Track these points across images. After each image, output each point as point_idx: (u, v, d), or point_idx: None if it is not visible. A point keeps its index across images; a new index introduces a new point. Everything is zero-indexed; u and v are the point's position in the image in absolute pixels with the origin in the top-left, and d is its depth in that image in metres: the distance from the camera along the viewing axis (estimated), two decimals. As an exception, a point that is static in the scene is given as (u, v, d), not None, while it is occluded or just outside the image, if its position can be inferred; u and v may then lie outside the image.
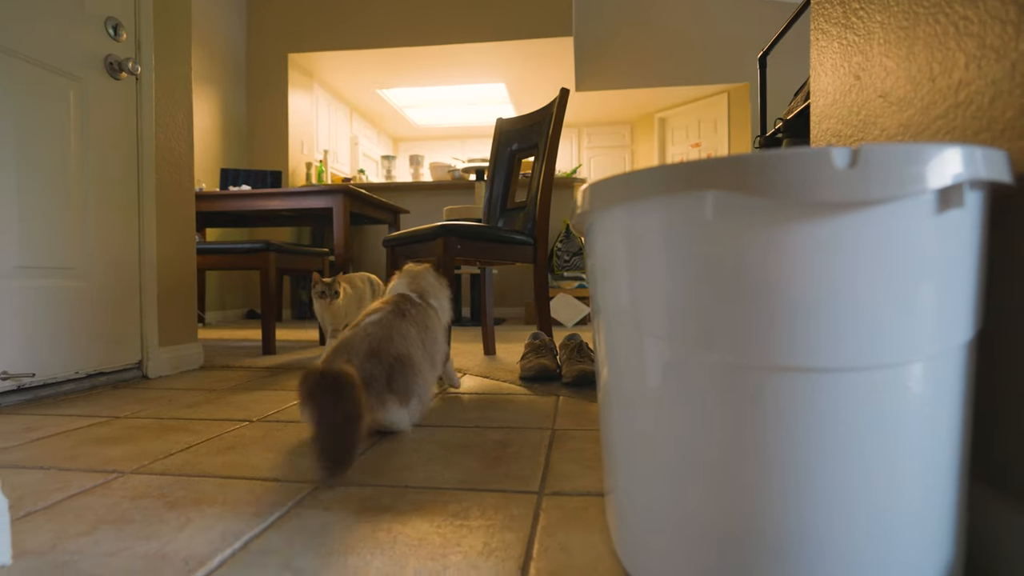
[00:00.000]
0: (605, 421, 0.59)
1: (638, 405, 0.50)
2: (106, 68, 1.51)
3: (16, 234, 1.28)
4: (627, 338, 0.51)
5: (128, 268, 1.57)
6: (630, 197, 0.49)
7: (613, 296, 0.53)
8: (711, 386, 0.43)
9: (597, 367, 0.68)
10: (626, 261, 0.50)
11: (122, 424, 1.09)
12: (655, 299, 0.47)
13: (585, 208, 0.55)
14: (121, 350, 1.55)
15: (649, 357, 0.48)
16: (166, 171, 1.71)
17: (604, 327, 0.56)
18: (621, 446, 0.53)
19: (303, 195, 2.73)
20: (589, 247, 0.62)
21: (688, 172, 0.42)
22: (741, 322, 0.40)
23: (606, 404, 0.58)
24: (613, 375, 0.54)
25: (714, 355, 0.42)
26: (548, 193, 1.85)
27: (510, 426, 1.05)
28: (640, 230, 0.48)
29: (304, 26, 4.39)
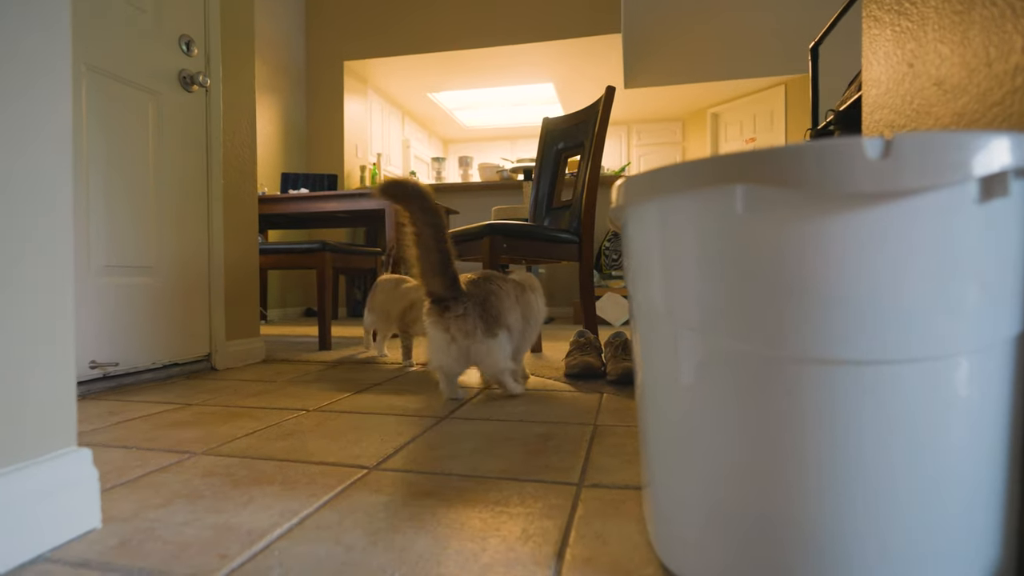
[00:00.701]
0: (642, 415, 0.60)
1: (673, 398, 0.50)
2: (180, 82, 1.63)
3: (105, 236, 1.40)
4: (662, 332, 0.52)
5: (198, 267, 1.69)
6: (662, 192, 0.49)
7: (647, 290, 0.54)
8: (745, 379, 0.43)
9: (634, 362, 0.69)
10: (660, 256, 0.51)
11: (194, 410, 1.18)
12: (688, 293, 0.47)
13: (620, 203, 0.56)
14: (192, 343, 1.67)
15: (683, 351, 0.49)
16: (232, 176, 1.83)
17: (640, 322, 0.57)
18: (657, 439, 0.54)
19: (357, 197, 2.83)
20: (624, 242, 0.63)
21: (716, 166, 0.43)
22: (775, 315, 0.41)
23: (643, 398, 0.59)
24: (648, 369, 0.55)
25: (748, 348, 0.43)
26: (594, 192, 1.85)
27: (553, 421, 1.07)
28: (672, 225, 0.49)
29: (359, 34, 4.55)
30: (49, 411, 0.56)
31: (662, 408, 0.53)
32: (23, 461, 0.54)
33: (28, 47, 0.55)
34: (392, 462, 0.83)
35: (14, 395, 0.53)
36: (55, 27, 0.57)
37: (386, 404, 1.23)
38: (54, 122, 0.57)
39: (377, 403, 1.24)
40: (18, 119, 0.53)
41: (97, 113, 1.39)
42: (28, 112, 0.55)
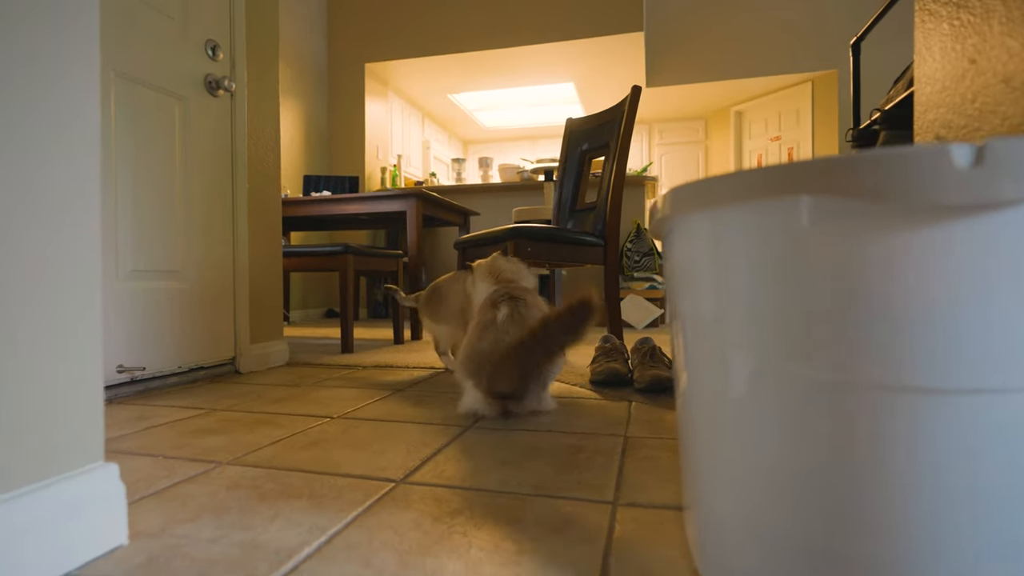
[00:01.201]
0: (685, 431, 0.57)
1: (724, 417, 0.47)
2: (206, 86, 1.64)
3: (132, 240, 1.41)
4: (711, 347, 0.49)
5: (223, 271, 1.70)
6: (714, 203, 0.46)
7: (695, 304, 0.51)
8: (809, 403, 0.40)
9: (675, 374, 0.65)
10: (711, 269, 0.48)
11: (219, 416, 1.18)
12: (743, 309, 0.44)
13: (665, 213, 0.53)
14: (217, 347, 1.67)
15: (736, 368, 0.46)
16: (256, 180, 1.84)
17: (684, 334, 0.54)
18: (704, 459, 0.51)
19: (379, 199, 2.83)
20: (667, 252, 0.60)
21: (779, 176, 0.39)
22: (846, 337, 0.37)
23: (686, 413, 0.56)
24: (695, 384, 0.52)
25: (812, 371, 0.39)
26: (619, 193, 1.81)
27: (582, 432, 1.04)
28: (726, 237, 0.45)
29: (380, 36, 4.57)
30: (76, 426, 0.55)
31: (711, 427, 0.49)
32: (50, 478, 0.52)
33: (52, 48, 0.54)
34: (419, 475, 0.81)
35: (40, 411, 0.52)
36: (81, 29, 0.56)
37: (410, 412, 1.21)
38: (80, 126, 0.56)
39: (401, 410, 1.23)
40: (42, 123, 0.52)
41: (125, 118, 1.40)
42: (52, 116, 0.54)
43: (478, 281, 1.28)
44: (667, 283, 0.63)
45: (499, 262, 1.28)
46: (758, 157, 5.47)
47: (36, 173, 0.51)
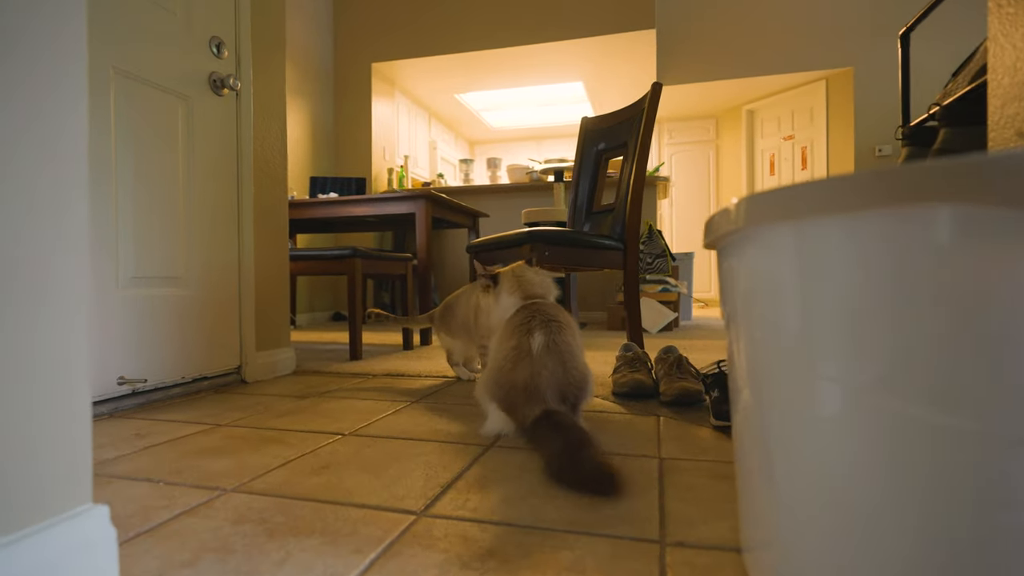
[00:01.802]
0: (751, 461, 0.50)
1: (817, 453, 0.40)
2: (210, 85, 1.57)
3: (133, 245, 1.35)
4: (795, 376, 0.41)
5: (228, 276, 1.63)
6: (802, 214, 0.39)
7: (771, 325, 0.44)
8: (931, 449, 0.33)
9: (735, 393, 0.58)
10: (797, 288, 0.41)
11: (223, 433, 1.11)
12: (843, 337, 0.37)
13: (736, 225, 0.45)
14: (222, 355, 1.61)
15: (834, 400, 0.39)
16: (263, 182, 1.77)
17: (753, 356, 0.47)
18: (786, 498, 0.44)
19: (387, 201, 2.77)
20: (731, 263, 0.53)
21: (903, 181, 0.32)
22: (991, 381, 0.30)
23: (753, 442, 0.49)
24: (770, 413, 0.45)
25: (936, 415, 0.32)
26: (639, 195, 1.74)
27: (611, 452, 0.97)
28: (822, 253, 0.38)
29: (387, 36, 4.51)
30: (58, 466, 0.48)
31: (794, 464, 0.42)
32: (25, 529, 0.46)
33: (29, 38, 0.47)
34: (441, 506, 0.74)
35: (12, 449, 0.45)
36: (64, 18, 0.49)
37: (425, 428, 1.15)
38: (61, 125, 0.49)
39: (415, 426, 1.16)
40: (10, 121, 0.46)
41: (126, 118, 1.34)
42: (26, 113, 0.47)
43: (503, 293, 1.20)
44: (726, 296, 0.56)
45: (527, 273, 1.20)
46: (771, 157, 5.38)
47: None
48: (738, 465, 0.61)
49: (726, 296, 0.59)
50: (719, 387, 1.18)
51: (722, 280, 0.59)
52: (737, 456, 0.62)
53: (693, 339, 2.79)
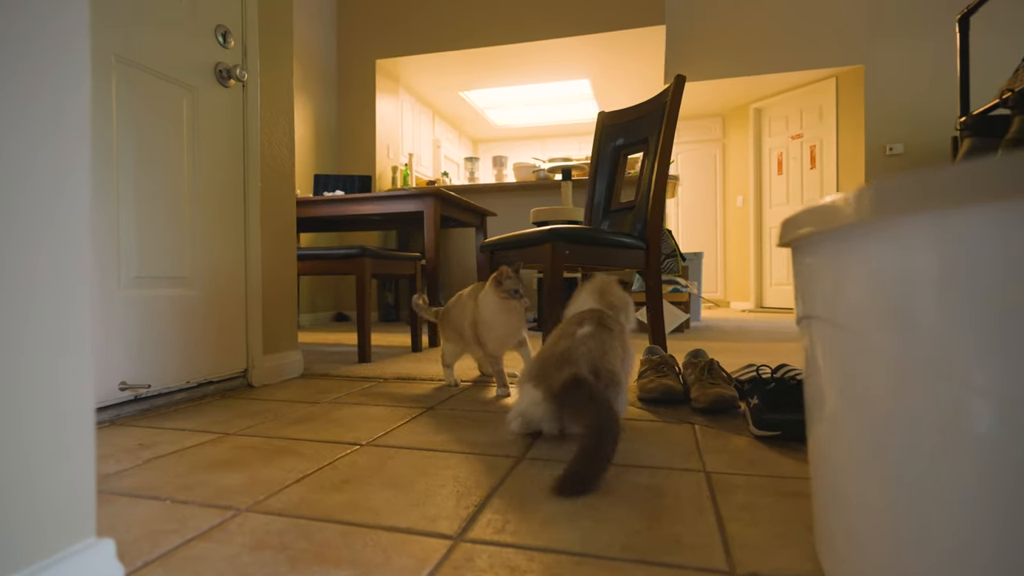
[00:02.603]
0: (845, 483, 0.43)
1: (958, 476, 0.33)
2: (216, 76, 1.50)
3: (135, 244, 1.28)
4: (931, 388, 0.35)
5: (234, 276, 1.56)
6: (957, 200, 0.33)
7: (897, 331, 0.37)
8: None
9: (817, 405, 0.52)
10: (939, 288, 0.34)
11: (233, 443, 1.04)
12: (995, 342, 0.31)
13: (858, 216, 0.39)
14: (228, 359, 1.54)
15: (983, 417, 0.32)
16: (270, 179, 1.70)
17: (864, 365, 0.41)
18: (910, 529, 0.37)
19: (395, 199, 2.70)
20: (826, 262, 0.46)
21: None
22: None
23: (855, 462, 0.43)
24: (887, 430, 0.38)
25: None
26: (661, 193, 1.67)
27: (652, 465, 0.90)
28: (972, 246, 0.32)
29: (391, 32, 4.44)
30: (62, 500, 0.41)
31: (926, 496, 0.36)
32: (28, 566, 0.39)
33: (29, 11, 0.40)
34: (479, 529, 0.67)
35: (13, 483, 0.38)
36: None
37: (447, 437, 1.08)
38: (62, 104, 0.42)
39: (436, 435, 1.09)
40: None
41: (128, 109, 1.27)
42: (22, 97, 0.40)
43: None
44: (818, 297, 0.49)
45: (613, 287, 1.20)
46: (778, 156, 5.32)
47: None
48: (820, 485, 0.54)
49: (810, 297, 0.52)
50: (758, 394, 1.11)
51: (807, 280, 0.52)
52: (818, 474, 0.55)
53: (707, 341, 2.72)
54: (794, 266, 0.58)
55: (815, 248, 0.49)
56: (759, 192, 5.52)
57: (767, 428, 1.01)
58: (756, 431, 1.04)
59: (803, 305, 0.54)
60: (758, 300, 5.58)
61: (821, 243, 0.47)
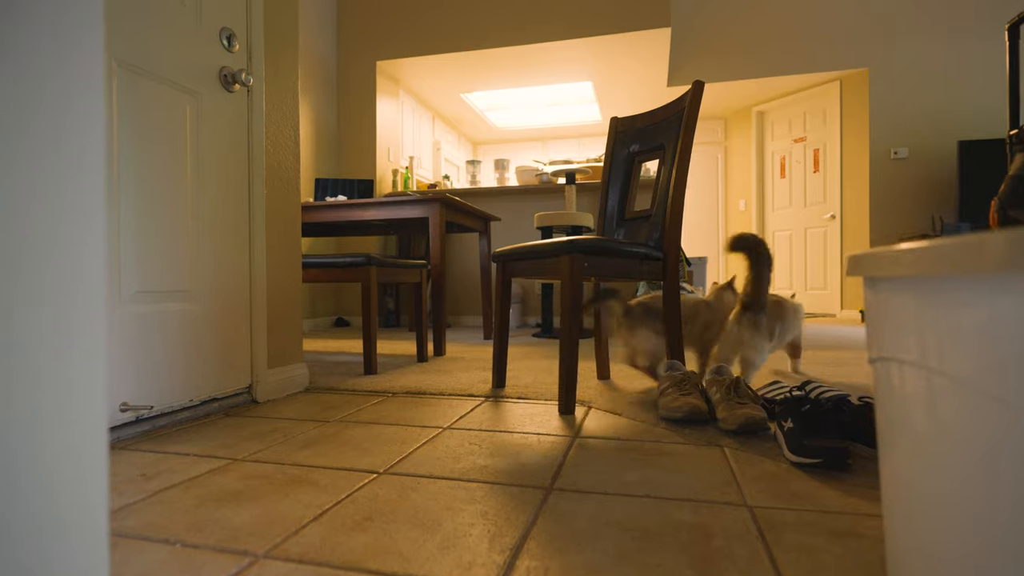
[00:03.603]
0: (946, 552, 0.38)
1: None
2: (220, 80, 1.45)
3: (135, 257, 1.22)
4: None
5: (239, 287, 1.51)
6: None
7: None
8: None
9: (893, 444, 0.47)
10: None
11: (242, 471, 0.99)
12: None
13: (996, 266, 0.34)
14: (232, 374, 1.48)
15: None
16: (275, 186, 1.65)
17: (974, 423, 0.36)
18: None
19: (399, 205, 2.65)
20: (931, 307, 0.41)
21: None
22: None
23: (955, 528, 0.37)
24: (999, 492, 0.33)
25: None
26: (680, 201, 1.63)
27: (692, 498, 0.85)
28: None
29: (392, 33, 4.38)
30: None
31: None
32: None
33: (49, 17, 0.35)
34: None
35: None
36: None
37: (467, 464, 1.02)
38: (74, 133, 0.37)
39: (455, 461, 1.04)
40: (19, 123, 0.34)
41: (129, 116, 1.21)
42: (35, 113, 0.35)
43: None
44: (905, 339, 0.44)
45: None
46: (781, 159, 5.29)
47: None
48: (908, 545, 0.49)
49: (900, 340, 0.47)
50: (792, 416, 1.06)
51: (898, 321, 0.47)
52: (907, 532, 0.50)
53: (717, 349, 2.68)
54: (876, 303, 0.53)
55: (918, 289, 0.44)
56: (761, 196, 5.49)
57: (805, 455, 0.97)
58: (793, 457, 0.99)
59: (889, 347, 0.49)
60: (760, 304, 5.54)
61: (932, 286, 0.42)
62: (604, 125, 6.14)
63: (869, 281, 0.56)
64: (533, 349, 2.74)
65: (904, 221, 4.40)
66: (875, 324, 0.54)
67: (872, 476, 0.93)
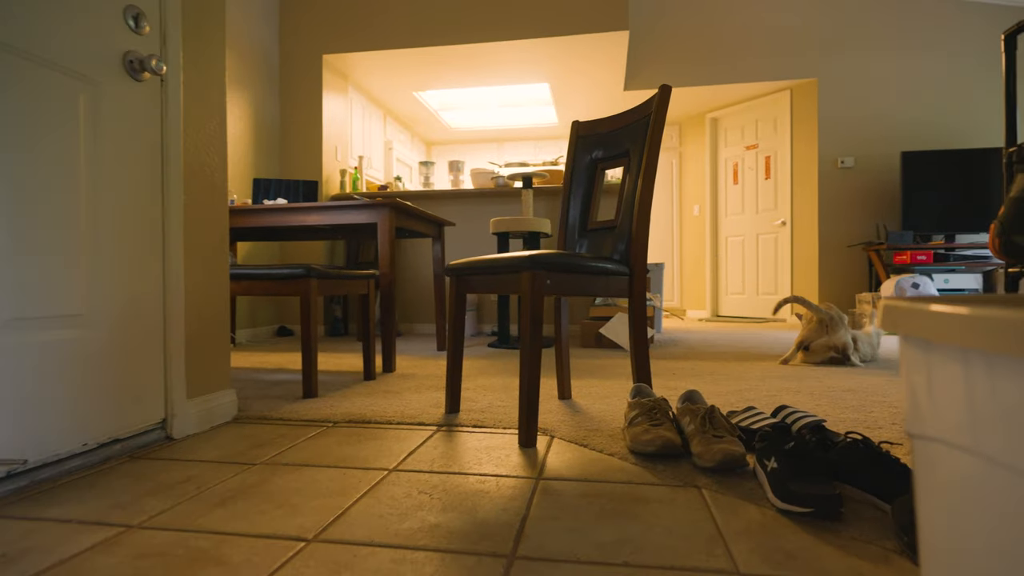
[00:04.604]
0: None
1: None
2: (125, 67, 1.24)
3: (9, 277, 1.01)
4: None
5: (150, 307, 1.30)
6: None
7: None
8: None
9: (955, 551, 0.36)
10: None
11: (134, 545, 0.80)
12: None
13: None
14: (141, 409, 1.27)
15: None
16: (196, 189, 1.44)
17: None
18: None
19: (345, 209, 2.46)
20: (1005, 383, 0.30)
21: None
22: None
23: None
24: None
25: None
26: (647, 212, 1.53)
27: (673, 565, 0.73)
28: None
29: (339, 25, 4.15)
30: None
31: None
32: None
33: None
34: None
35: None
36: None
37: (416, 522, 0.88)
38: None
39: (402, 519, 0.89)
40: None
41: (2, 106, 1.00)
42: None
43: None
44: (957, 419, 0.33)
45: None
46: (734, 166, 5.36)
47: None
48: None
49: (956, 421, 0.36)
50: (775, 455, 0.97)
51: (951, 397, 0.36)
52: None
53: (678, 360, 2.62)
54: (919, 367, 0.42)
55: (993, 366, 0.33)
56: (715, 201, 5.55)
57: (795, 502, 0.87)
58: (780, 504, 0.90)
59: (937, 425, 0.38)
60: (714, 309, 5.60)
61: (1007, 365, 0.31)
62: (561, 128, 6.07)
63: (915, 342, 0.45)
64: (490, 362, 2.60)
65: (851, 229, 4.52)
66: (920, 394, 0.43)
67: (867, 526, 0.84)
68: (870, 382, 2.02)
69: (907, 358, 0.45)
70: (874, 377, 2.12)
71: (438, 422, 1.48)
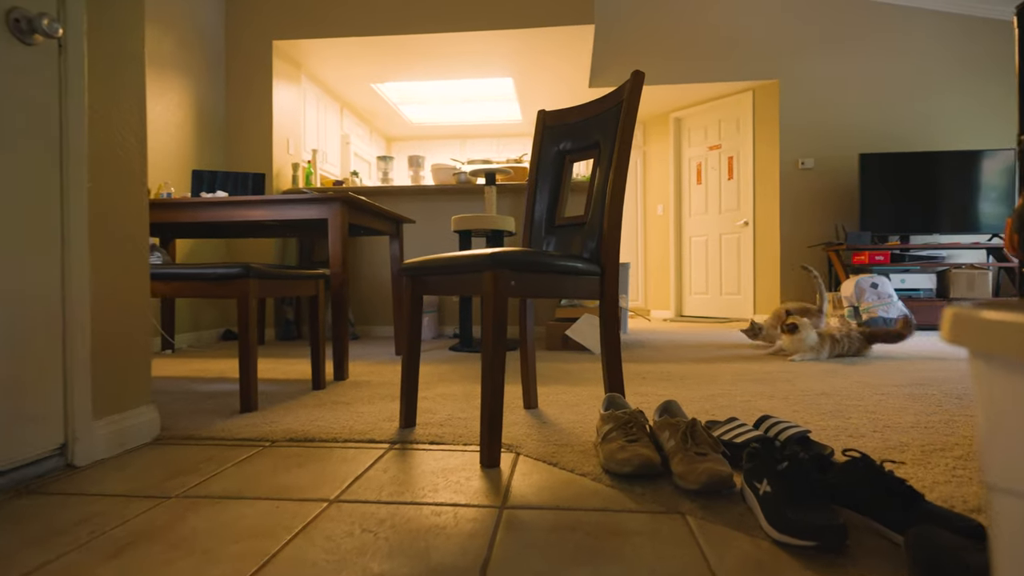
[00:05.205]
0: None
1: None
2: (9, 28, 1.04)
3: None
4: None
5: (45, 312, 1.10)
6: None
7: None
8: None
9: None
10: None
11: (-13, 620, 0.63)
12: None
13: None
14: (33, 433, 1.08)
15: None
16: (106, 176, 1.25)
17: None
18: None
19: (292, 204, 2.26)
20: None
21: None
22: None
23: None
24: None
25: None
26: (618, 207, 1.42)
27: (666, 625, 0.61)
28: None
29: (291, 9, 3.91)
30: None
31: None
32: None
33: None
34: None
35: None
36: None
37: (356, 568, 0.73)
38: None
39: (339, 567, 0.74)
40: None
41: None
42: None
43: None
44: None
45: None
46: (698, 165, 5.36)
47: None
48: None
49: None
50: (768, 477, 0.86)
51: None
52: None
53: (647, 363, 2.53)
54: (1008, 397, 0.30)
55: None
56: (679, 201, 5.55)
57: (794, 534, 0.76)
58: (776, 535, 0.79)
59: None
60: (678, 309, 5.60)
61: None
62: (525, 125, 5.96)
63: (998, 361, 0.33)
64: (451, 368, 2.45)
65: (812, 229, 4.57)
66: (1003, 435, 0.32)
67: (876, 561, 0.74)
68: (841, 385, 1.97)
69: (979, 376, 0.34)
70: (842, 380, 2.07)
71: (391, 439, 1.33)
